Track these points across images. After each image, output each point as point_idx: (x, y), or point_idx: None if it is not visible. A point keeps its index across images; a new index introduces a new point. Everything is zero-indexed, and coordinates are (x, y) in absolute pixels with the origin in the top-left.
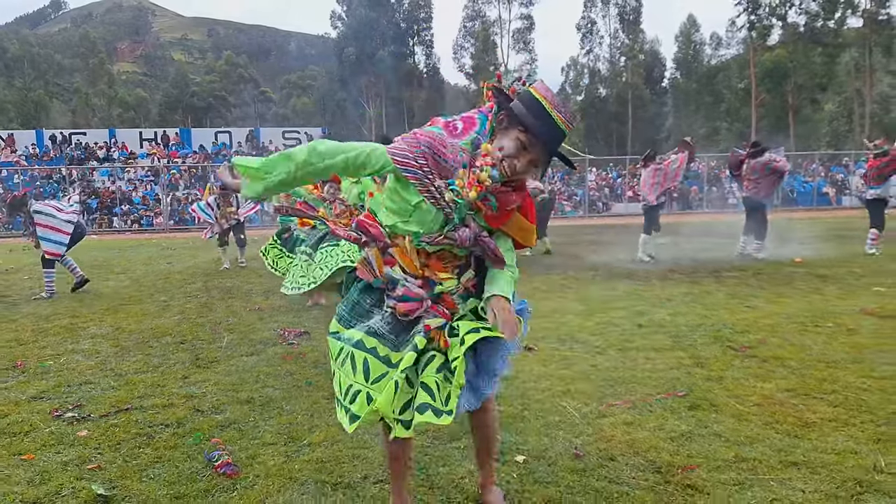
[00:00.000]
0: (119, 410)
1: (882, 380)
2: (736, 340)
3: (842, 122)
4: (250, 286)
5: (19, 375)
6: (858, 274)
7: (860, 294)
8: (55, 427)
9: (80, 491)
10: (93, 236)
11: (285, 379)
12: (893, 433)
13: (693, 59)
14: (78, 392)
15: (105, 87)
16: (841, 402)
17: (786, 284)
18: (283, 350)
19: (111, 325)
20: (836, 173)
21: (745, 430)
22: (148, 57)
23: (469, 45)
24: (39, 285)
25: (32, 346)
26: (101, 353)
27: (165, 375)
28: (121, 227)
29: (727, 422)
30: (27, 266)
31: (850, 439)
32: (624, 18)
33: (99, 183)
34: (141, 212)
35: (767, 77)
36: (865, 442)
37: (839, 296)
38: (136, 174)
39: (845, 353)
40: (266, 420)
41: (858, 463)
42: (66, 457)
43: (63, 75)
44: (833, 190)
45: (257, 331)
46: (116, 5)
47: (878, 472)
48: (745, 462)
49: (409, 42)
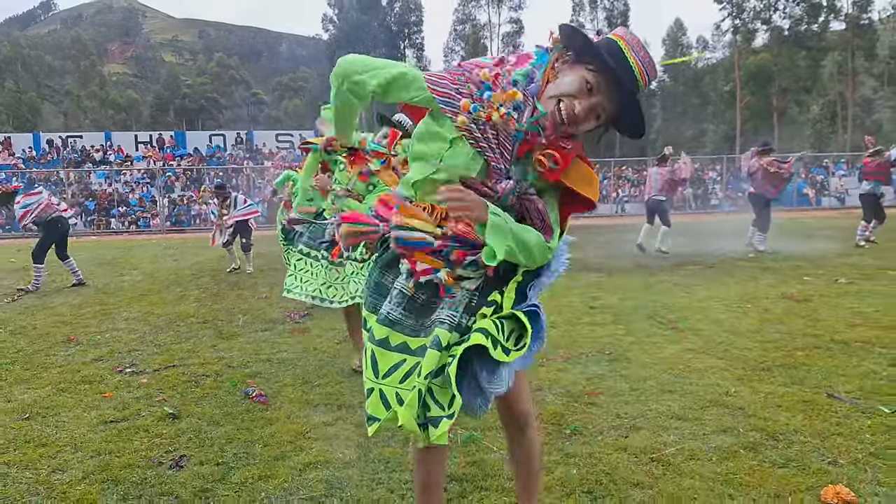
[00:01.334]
0: (167, 367)
1: (766, 342)
2: (665, 317)
3: (825, 124)
4: (255, 280)
5: (76, 346)
6: (796, 265)
7: (791, 282)
8: (120, 378)
9: (154, 412)
10: (91, 237)
11: (295, 346)
12: (753, 375)
13: (680, 63)
14: (129, 356)
15: (97, 88)
16: (725, 356)
17: (729, 275)
18: (290, 327)
19: (139, 310)
20: (816, 175)
21: (644, 374)
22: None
23: (459, 48)
24: (63, 279)
25: (76, 325)
26: (139, 331)
27: (197, 345)
28: (118, 228)
29: (634, 369)
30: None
31: (720, 379)
32: (612, 22)
33: (96, 185)
34: (138, 213)
35: (751, 80)
36: (731, 381)
37: (771, 284)
38: (132, 176)
39: (749, 326)
40: (284, 372)
41: (717, 392)
42: (135, 395)
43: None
44: (813, 191)
45: (267, 313)
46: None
47: (727, 396)
48: (636, 392)
49: (401, 45)
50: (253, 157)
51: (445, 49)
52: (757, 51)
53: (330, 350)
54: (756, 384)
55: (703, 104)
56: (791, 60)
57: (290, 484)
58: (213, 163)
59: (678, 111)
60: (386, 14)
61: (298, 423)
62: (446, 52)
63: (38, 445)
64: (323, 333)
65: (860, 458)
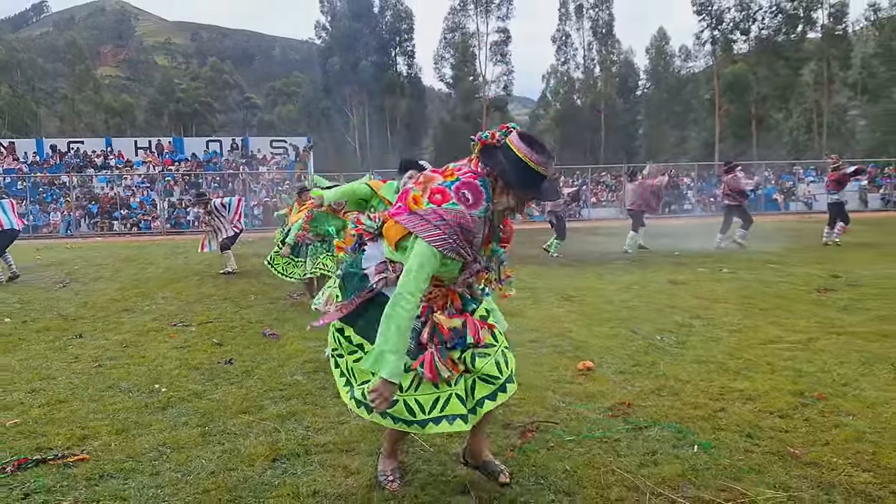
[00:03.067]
0: (205, 322)
1: (625, 307)
2: (567, 294)
3: (801, 131)
4: (259, 270)
5: (133, 314)
6: (704, 260)
7: (685, 272)
8: (175, 329)
9: (207, 343)
10: (97, 238)
11: (294, 313)
12: (595, 324)
13: (664, 71)
14: (175, 317)
15: (91, 93)
16: (586, 314)
17: (644, 267)
18: (290, 302)
19: (168, 292)
20: (785, 181)
21: (528, 326)
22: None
23: (449, 55)
24: (97, 272)
25: (126, 302)
26: (175, 304)
27: (223, 313)
28: (121, 230)
29: (522, 322)
30: (69, 260)
31: (570, 323)
32: (597, 32)
33: (98, 189)
34: (139, 216)
35: (729, 89)
36: (578, 326)
37: (669, 273)
38: (132, 181)
39: (622, 298)
40: (289, 327)
41: (565, 331)
42: (189, 337)
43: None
44: (781, 196)
45: (271, 294)
46: (99, 9)
47: (569, 333)
48: (518, 335)
49: (392, 52)
50: (248, 162)
51: (436, 56)
52: (736, 60)
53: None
54: (595, 328)
55: (686, 111)
56: (769, 69)
57: (294, 368)
58: (210, 168)
59: (661, 118)
60: (377, 22)
61: (297, 347)
62: (436, 60)
63: (140, 357)
64: (308, 311)
65: (614, 357)
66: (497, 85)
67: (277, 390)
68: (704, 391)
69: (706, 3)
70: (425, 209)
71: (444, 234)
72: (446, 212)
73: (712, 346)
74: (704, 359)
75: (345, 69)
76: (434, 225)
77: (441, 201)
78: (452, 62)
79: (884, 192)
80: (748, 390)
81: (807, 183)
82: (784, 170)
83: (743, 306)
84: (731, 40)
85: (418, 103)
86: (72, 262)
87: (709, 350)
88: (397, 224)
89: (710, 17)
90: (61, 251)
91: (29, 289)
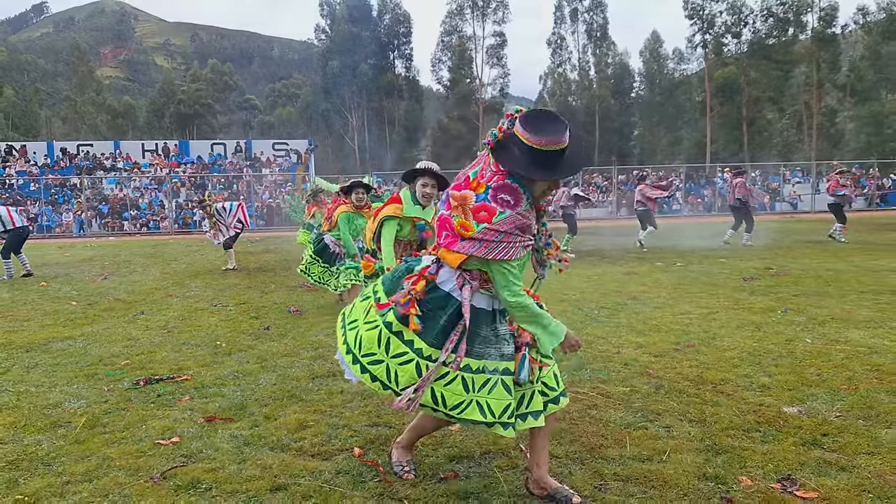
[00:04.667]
0: (239, 304)
1: (583, 292)
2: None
3: (791, 133)
4: (273, 266)
5: (177, 297)
6: (664, 256)
7: (644, 265)
8: (215, 308)
9: (246, 317)
10: (110, 237)
11: (310, 296)
12: (555, 307)
13: (658, 73)
14: (213, 300)
15: (94, 94)
16: (548, 299)
17: (612, 262)
18: (304, 290)
19: (199, 283)
20: (772, 182)
21: None
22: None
23: (446, 58)
24: (129, 267)
25: (166, 290)
26: (209, 292)
27: (251, 297)
28: (131, 230)
29: None
30: (96, 257)
31: None
32: (591, 35)
33: (108, 190)
34: (148, 216)
35: (720, 92)
36: None
37: (629, 266)
38: (140, 183)
39: (578, 285)
40: (308, 306)
41: None
42: (230, 313)
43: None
44: (768, 197)
45: (287, 284)
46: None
47: None
48: None
49: (390, 55)
50: (252, 164)
51: (433, 59)
52: (727, 62)
53: (328, 298)
54: (548, 306)
55: (679, 113)
56: (760, 72)
57: (317, 331)
58: (215, 170)
59: (655, 119)
60: (376, 25)
61: (317, 319)
62: (433, 63)
63: (197, 326)
64: (325, 294)
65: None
66: (493, 87)
67: (307, 344)
68: (611, 343)
69: (697, 8)
70: (478, 231)
71: (507, 243)
72: (500, 223)
73: (633, 316)
74: (622, 324)
75: (344, 72)
76: (495, 242)
77: (488, 217)
78: (450, 65)
79: (867, 192)
80: (642, 342)
81: (793, 184)
82: (771, 171)
83: (675, 291)
84: (723, 44)
85: (416, 105)
86: (100, 259)
87: (629, 319)
88: (455, 253)
89: (701, 22)
90: (84, 249)
91: (76, 281)
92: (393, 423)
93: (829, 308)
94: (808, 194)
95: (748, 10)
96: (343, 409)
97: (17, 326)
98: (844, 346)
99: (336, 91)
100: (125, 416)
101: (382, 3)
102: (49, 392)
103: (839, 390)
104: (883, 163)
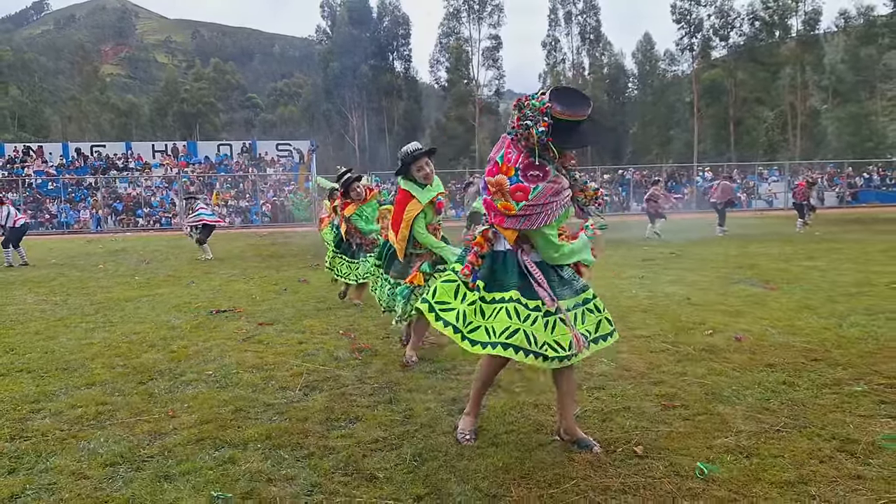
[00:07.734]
0: (261, 277)
1: None
2: None
3: (776, 133)
4: (283, 253)
5: (212, 274)
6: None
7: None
8: (244, 279)
9: (268, 284)
10: (127, 233)
11: (314, 271)
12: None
13: (650, 74)
14: (240, 276)
15: (98, 93)
16: None
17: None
18: (309, 268)
19: (228, 269)
20: (749, 181)
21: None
22: (132, 59)
23: (444, 59)
24: (162, 256)
25: (200, 270)
26: (235, 271)
27: (269, 273)
28: (145, 226)
29: None
30: (128, 248)
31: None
32: (585, 37)
33: (121, 189)
34: (160, 213)
35: (707, 93)
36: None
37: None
38: (152, 182)
39: None
40: (313, 278)
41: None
42: (256, 283)
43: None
44: (745, 195)
45: (295, 265)
46: (99, 7)
47: None
48: None
49: (390, 56)
50: (256, 164)
51: (431, 60)
52: (715, 64)
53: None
54: None
55: (670, 113)
56: (747, 73)
57: (323, 292)
58: (222, 170)
59: (647, 119)
60: (376, 27)
61: (321, 284)
62: (432, 63)
63: (235, 290)
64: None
65: None
66: (489, 88)
67: (312, 297)
68: None
69: (685, 13)
70: (519, 209)
71: (547, 212)
72: (537, 198)
73: None
74: None
75: (345, 73)
76: (536, 214)
77: (524, 196)
78: (447, 66)
79: (839, 190)
80: None
81: (769, 182)
82: (750, 170)
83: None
84: (710, 46)
85: (415, 105)
86: (133, 250)
87: None
88: (506, 230)
89: (688, 26)
90: (112, 243)
91: (124, 266)
92: (370, 329)
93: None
94: (783, 192)
95: (735, 14)
96: (330, 324)
97: (107, 290)
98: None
99: (337, 92)
100: (211, 322)
101: (382, 5)
102: (158, 316)
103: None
104: (856, 162)
